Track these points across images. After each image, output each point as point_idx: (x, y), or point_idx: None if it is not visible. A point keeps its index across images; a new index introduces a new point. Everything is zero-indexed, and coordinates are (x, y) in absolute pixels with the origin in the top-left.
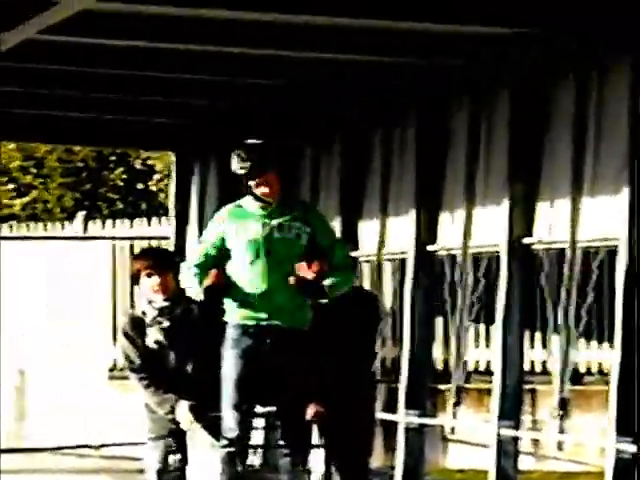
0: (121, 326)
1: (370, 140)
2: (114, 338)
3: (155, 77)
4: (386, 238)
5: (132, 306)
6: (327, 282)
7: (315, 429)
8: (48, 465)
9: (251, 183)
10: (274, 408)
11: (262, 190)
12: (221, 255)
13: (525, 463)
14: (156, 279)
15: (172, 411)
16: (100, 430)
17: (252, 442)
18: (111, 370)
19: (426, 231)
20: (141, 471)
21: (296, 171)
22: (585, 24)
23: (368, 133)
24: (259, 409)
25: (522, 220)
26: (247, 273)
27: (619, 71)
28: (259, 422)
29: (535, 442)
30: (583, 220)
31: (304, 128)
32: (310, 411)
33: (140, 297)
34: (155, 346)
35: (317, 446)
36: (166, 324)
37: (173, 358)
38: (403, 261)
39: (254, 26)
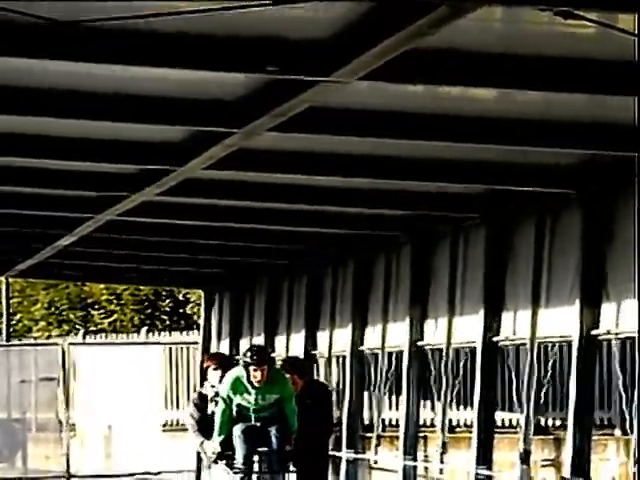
0: (192, 398)
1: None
2: (165, 406)
3: (197, 243)
4: (333, 342)
5: (194, 386)
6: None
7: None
8: None
9: (251, 368)
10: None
11: (256, 375)
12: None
13: None
14: (219, 372)
15: (202, 446)
16: (158, 463)
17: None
18: (164, 425)
19: (360, 337)
20: None
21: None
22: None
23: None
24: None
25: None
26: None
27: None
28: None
29: (426, 469)
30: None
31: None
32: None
33: (206, 383)
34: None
35: (293, 471)
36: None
37: None
38: (344, 358)
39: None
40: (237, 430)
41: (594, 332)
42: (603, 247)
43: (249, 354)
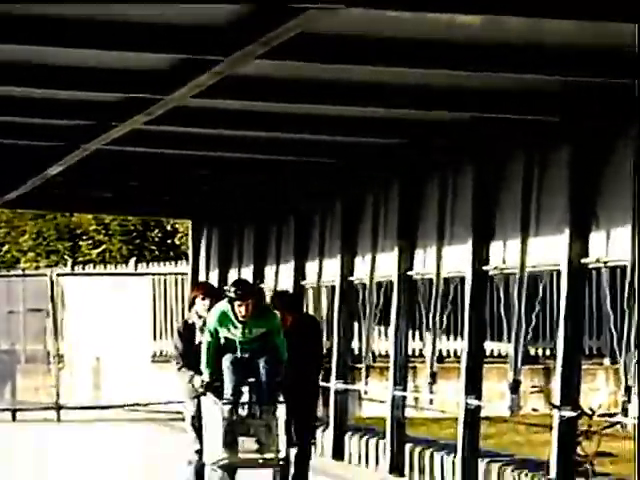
0: (177, 327)
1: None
2: (154, 337)
3: (196, 175)
4: (322, 272)
5: (182, 316)
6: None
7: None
8: (113, 417)
9: (235, 303)
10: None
11: (241, 310)
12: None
13: (409, 413)
14: (207, 302)
15: (191, 382)
16: (147, 394)
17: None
18: (153, 356)
19: (349, 268)
20: (174, 419)
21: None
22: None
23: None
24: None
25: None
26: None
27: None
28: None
29: (415, 399)
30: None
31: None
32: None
33: (193, 312)
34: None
35: (282, 402)
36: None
37: None
38: (333, 288)
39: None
40: (226, 361)
41: (583, 260)
42: (592, 176)
43: (233, 289)
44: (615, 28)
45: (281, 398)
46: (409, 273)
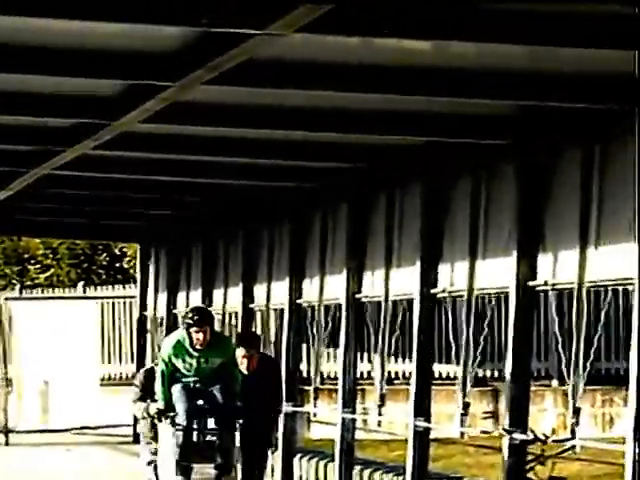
0: (139, 377)
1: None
2: (102, 361)
3: (132, 197)
4: (271, 295)
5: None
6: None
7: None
8: (62, 440)
9: (192, 329)
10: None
11: (198, 337)
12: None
13: (358, 435)
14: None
15: (146, 409)
16: (96, 417)
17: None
18: (102, 380)
19: (297, 290)
20: (123, 443)
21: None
22: None
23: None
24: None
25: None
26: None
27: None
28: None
29: (364, 421)
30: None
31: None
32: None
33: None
34: None
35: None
36: None
37: None
38: (282, 311)
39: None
40: (176, 388)
41: (531, 283)
42: (539, 198)
43: (190, 315)
44: (563, 53)
45: (239, 423)
46: (357, 296)
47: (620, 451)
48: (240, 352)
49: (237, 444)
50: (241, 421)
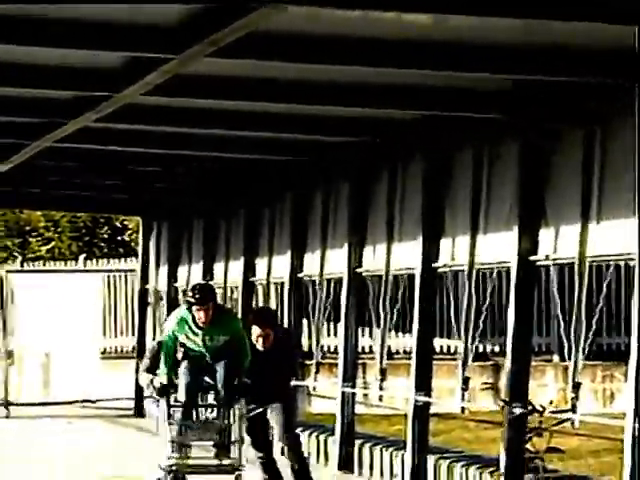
0: (151, 348)
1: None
2: (103, 334)
3: (135, 169)
4: (272, 269)
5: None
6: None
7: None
8: (63, 413)
9: (194, 308)
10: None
11: (200, 315)
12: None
13: (359, 409)
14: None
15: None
16: (96, 390)
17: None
18: (102, 353)
19: (298, 264)
20: (123, 416)
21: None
22: None
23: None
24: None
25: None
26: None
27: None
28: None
29: (365, 396)
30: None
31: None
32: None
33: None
34: None
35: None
36: None
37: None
38: (282, 285)
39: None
40: (183, 364)
41: (532, 258)
42: (541, 172)
43: (191, 293)
44: (560, 27)
45: (242, 402)
46: (358, 270)
47: (620, 426)
48: (255, 331)
49: (240, 423)
50: (243, 399)
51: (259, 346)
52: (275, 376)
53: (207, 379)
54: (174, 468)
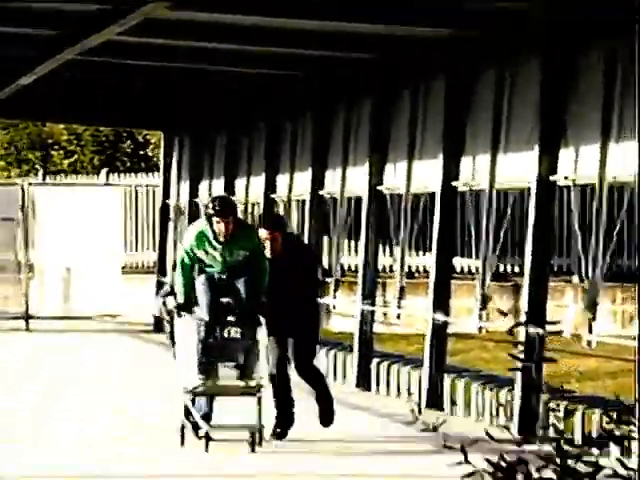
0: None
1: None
2: (124, 249)
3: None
4: (293, 186)
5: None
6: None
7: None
8: (82, 327)
9: (214, 220)
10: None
11: (220, 228)
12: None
13: (377, 328)
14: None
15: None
16: (117, 305)
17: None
18: (123, 268)
19: (319, 181)
20: (144, 331)
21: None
22: None
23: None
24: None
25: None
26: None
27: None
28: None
29: (384, 314)
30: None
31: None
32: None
33: None
34: None
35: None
36: None
37: None
38: (303, 202)
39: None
40: (200, 279)
41: (552, 178)
42: (563, 93)
43: (211, 205)
44: None
45: (262, 320)
46: (379, 188)
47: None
48: (262, 233)
49: (263, 342)
50: (262, 320)
51: (267, 252)
52: (290, 289)
53: (225, 297)
54: (202, 390)
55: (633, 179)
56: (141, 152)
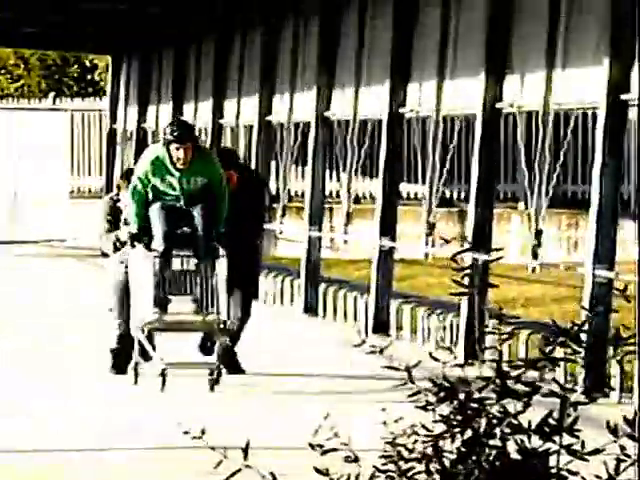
0: (104, 206)
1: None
2: (71, 173)
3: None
4: (241, 111)
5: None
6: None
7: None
8: (30, 252)
9: (172, 146)
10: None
11: (179, 155)
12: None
13: (324, 253)
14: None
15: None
16: (65, 230)
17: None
18: (71, 193)
19: (267, 107)
20: (91, 256)
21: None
22: None
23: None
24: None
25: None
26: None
27: None
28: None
29: (331, 240)
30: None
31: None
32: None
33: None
34: None
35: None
36: None
37: None
38: (251, 128)
39: None
40: (154, 208)
41: (498, 105)
42: (507, 19)
43: (169, 130)
44: None
45: (222, 252)
46: (326, 114)
47: (583, 274)
48: None
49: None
50: (223, 251)
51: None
52: (243, 222)
53: (182, 226)
54: (154, 325)
55: (577, 105)
56: (88, 77)
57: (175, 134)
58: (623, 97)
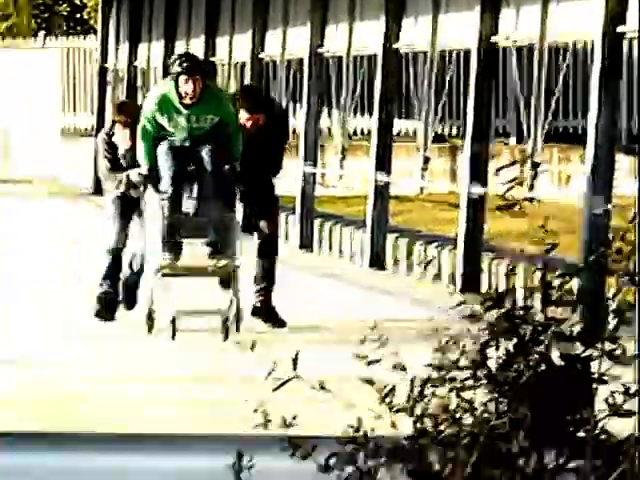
0: (101, 138)
1: None
2: (63, 111)
3: None
4: (233, 48)
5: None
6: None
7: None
8: (21, 190)
9: (181, 79)
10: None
11: (188, 88)
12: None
13: (318, 190)
14: (128, 132)
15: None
16: (56, 166)
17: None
18: (62, 131)
19: (260, 44)
20: (83, 194)
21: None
22: None
23: None
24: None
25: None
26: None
27: None
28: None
29: (322, 176)
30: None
31: None
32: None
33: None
34: None
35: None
36: None
37: None
38: (243, 65)
39: None
40: (162, 148)
41: (493, 39)
42: None
43: (178, 62)
44: None
45: (237, 192)
46: (320, 50)
47: (575, 207)
48: (243, 115)
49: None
50: (236, 190)
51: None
52: (264, 158)
53: (191, 167)
54: (166, 271)
55: (573, 38)
56: (78, 15)
57: (184, 65)
58: (619, 29)
